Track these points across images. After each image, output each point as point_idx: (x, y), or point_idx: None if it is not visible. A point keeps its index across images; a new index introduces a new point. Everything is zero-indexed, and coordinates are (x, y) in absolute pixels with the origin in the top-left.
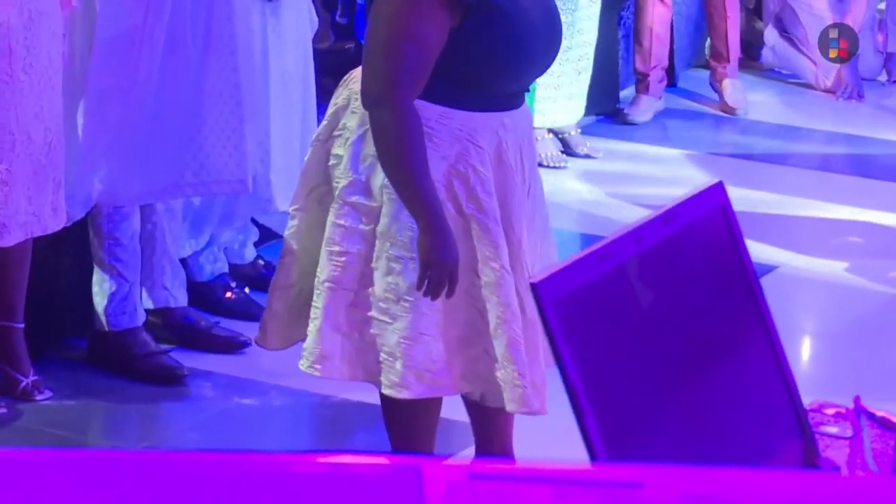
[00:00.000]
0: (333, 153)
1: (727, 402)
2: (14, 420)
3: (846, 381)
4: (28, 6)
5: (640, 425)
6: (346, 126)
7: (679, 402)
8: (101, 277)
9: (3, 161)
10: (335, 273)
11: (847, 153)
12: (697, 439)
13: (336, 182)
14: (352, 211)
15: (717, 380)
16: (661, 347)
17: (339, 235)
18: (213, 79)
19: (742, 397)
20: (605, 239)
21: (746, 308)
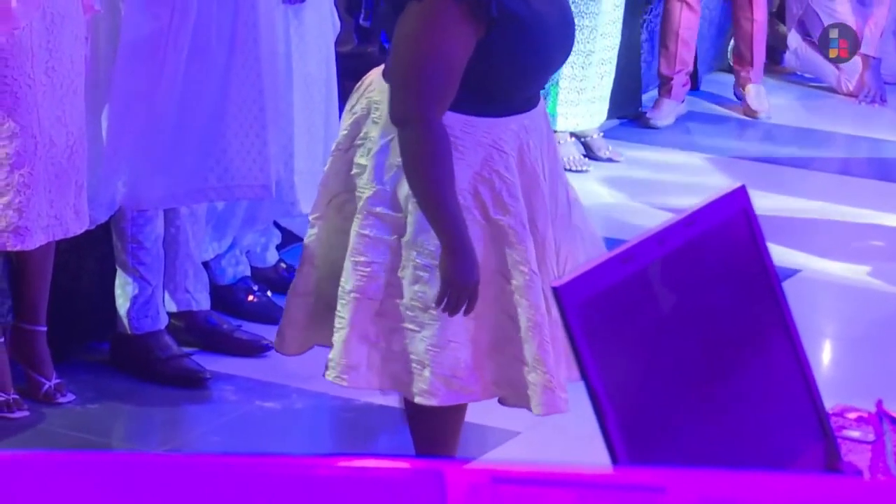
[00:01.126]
0: (356, 162)
1: (749, 405)
2: (37, 423)
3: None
4: (50, 9)
5: (663, 429)
6: (368, 135)
7: (701, 406)
8: (124, 280)
9: (26, 164)
10: (360, 283)
11: (869, 157)
12: (720, 443)
13: (360, 192)
14: (377, 221)
15: (740, 383)
16: (683, 351)
17: (363, 246)
18: (238, 84)
19: (764, 401)
20: (627, 242)
21: (769, 311)
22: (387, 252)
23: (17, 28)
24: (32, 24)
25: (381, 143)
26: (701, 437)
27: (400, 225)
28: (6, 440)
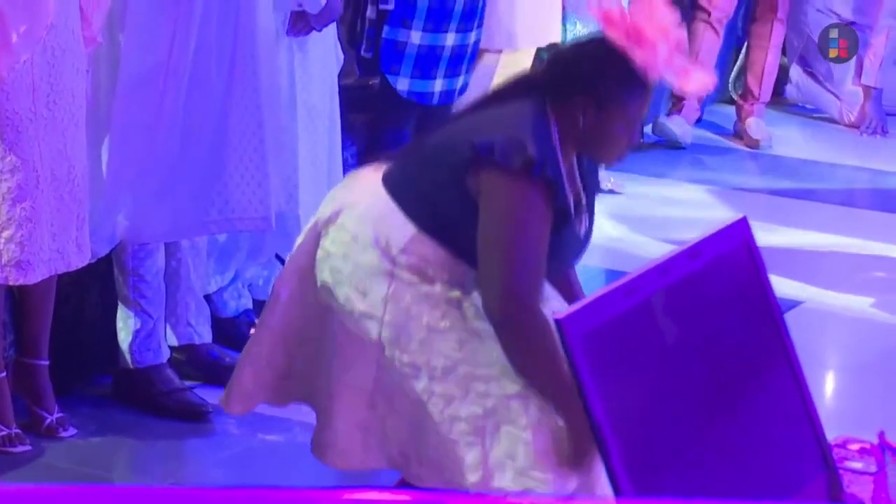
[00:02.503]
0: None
1: (752, 436)
2: (38, 457)
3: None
4: (51, 43)
5: (666, 461)
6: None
7: (704, 437)
8: (126, 314)
9: (28, 198)
10: (346, 375)
11: (872, 188)
12: (723, 474)
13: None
14: (357, 323)
15: (743, 414)
16: (686, 382)
17: (346, 342)
18: (237, 116)
19: (767, 432)
20: (630, 274)
21: (771, 343)
22: (372, 348)
23: (18, 62)
24: (33, 59)
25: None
26: (704, 468)
27: (379, 325)
28: (8, 474)
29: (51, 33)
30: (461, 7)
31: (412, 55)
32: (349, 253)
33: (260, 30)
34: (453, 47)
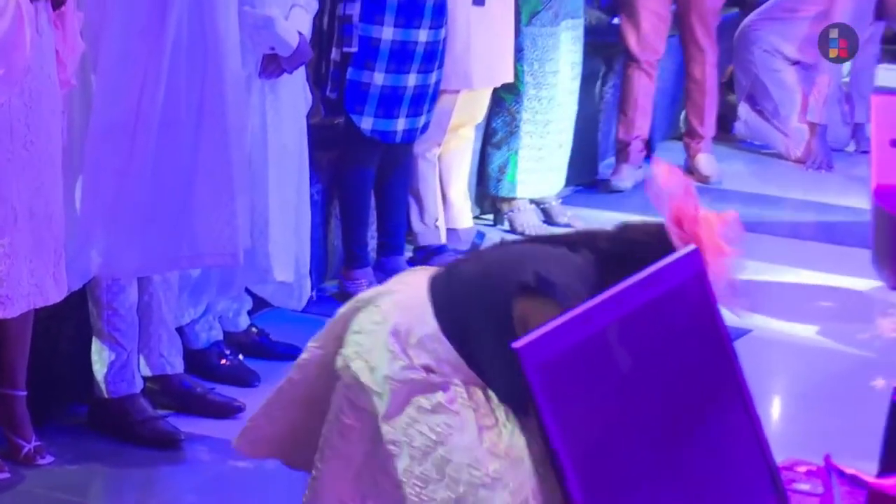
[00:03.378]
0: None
1: (704, 460)
2: (17, 484)
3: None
4: (28, 86)
5: (622, 486)
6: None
7: (659, 462)
8: (100, 346)
9: (6, 234)
10: (341, 442)
11: (817, 221)
12: (676, 498)
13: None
14: (360, 395)
15: (696, 440)
16: (642, 409)
17: (348, 411)
18: (206, 156)
19: (718, 456)
20: (586, 303)
21: (722, 370)
22: (368, 419)
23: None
24: (11, 101)
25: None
26: (660, 493)
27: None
28: None
29: (28, 77)
30: (422, 50)
31: (375, 95)
32: (374, 331)
33: (228, 73)
34: (414, 88)
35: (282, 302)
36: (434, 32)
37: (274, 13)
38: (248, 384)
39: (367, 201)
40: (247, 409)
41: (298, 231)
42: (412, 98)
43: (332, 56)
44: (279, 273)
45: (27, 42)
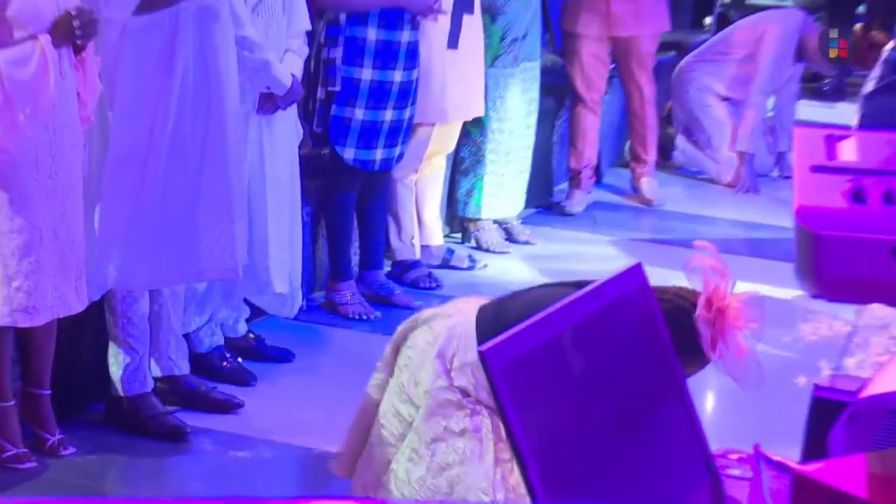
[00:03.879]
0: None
1: (649, 451)
2: (43, 472)
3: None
4: (52, 122)
5: (576, 473)
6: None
7: (609, 452)
8: (116, 351)
9: (33, 253)
10: (377, 448)
11: (746, 237)
12: (626, 484)
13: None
14: (402, 404)
15: (642, 432)
16: (593, 405)
17: (391, 417)
18: (209, 184)
19: (661, 446)
20: (544, 311)
21: (664, 371)
22: (403, 427)
23: (24, 139)
24: (37, 136)
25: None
26: (609, 480)
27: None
28: (16, 488)
29: (52, 114)
30: (396, 89)
31: (356, 129)
32: (424, 350)
33: (229, 111)
34: (391, 122)
35: (276, 310)
36: (407, 73)
37: (270, 57)
38: (246, 384)
39: (350, 222)
40: (245, 406)
41: (291, 248)
42: (388, 131)
43: (318, 95)
44: (278, 285)
45: (51, 84)
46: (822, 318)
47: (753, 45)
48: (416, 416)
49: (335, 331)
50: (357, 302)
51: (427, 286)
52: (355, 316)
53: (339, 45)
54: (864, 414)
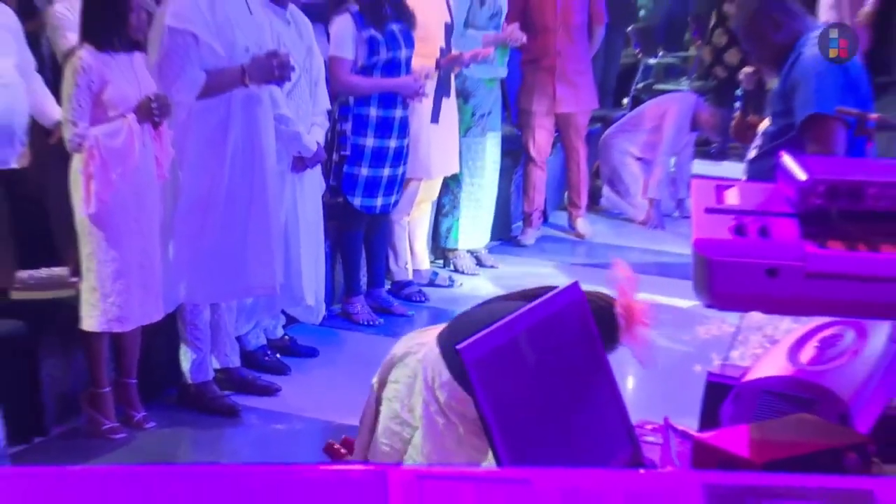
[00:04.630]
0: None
1: (585, 423)
2: (131, 441)
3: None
4: (136, 180)
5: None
6: (398, 380)
7: (555, 425)
8: (185, 349)
9: (123, 277)
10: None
11: (655, 261)
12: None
13: (391, 402)
14: (401, 426)
15: (579, 409)
16: (542, 388)
17: (390, 437)
18: (254, 224)
19: (594, 419)
20: (508, 316)
21: (594, 361)
22: (402, 444)
23: (116, 192)
24: (126, 189)
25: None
26: (555, 446)
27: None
28: (112, 453)
29: (136, 173)
30: (392, 152)
31: (362, 183)
32: (408, 382)
33: (269, 170)
34: (388, 177)
35: (305, 318)
36: (400, 140)
37: (300, 129)
38: (283, 373)
39: (359, 252)
40: (282, 390)
41: (316, 271)
42: (386, 184)
43: (333, 157)
44: (307, 298)
45: (136, 151)
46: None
47: (659, 118)
48: (414, 434)
49: (349, 333)
50: (365, 311)
51: (418, 300)
52: (364, 322)
53: (349, 120)
54: (746, 394)
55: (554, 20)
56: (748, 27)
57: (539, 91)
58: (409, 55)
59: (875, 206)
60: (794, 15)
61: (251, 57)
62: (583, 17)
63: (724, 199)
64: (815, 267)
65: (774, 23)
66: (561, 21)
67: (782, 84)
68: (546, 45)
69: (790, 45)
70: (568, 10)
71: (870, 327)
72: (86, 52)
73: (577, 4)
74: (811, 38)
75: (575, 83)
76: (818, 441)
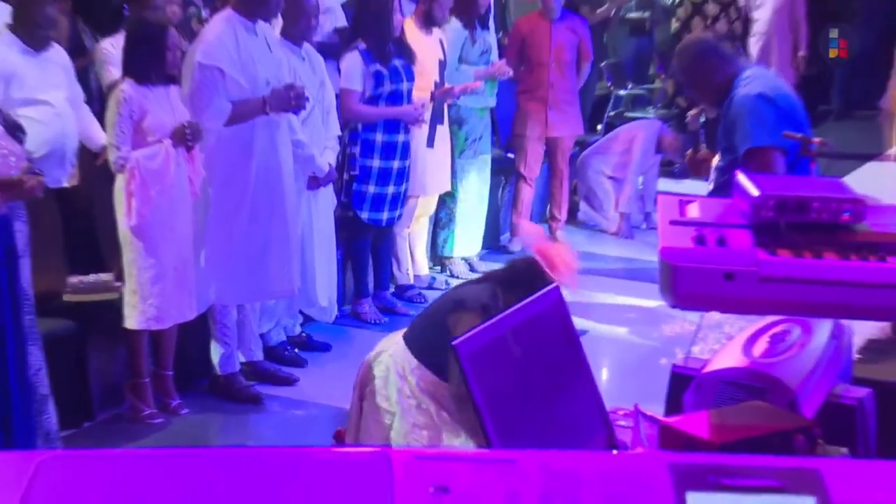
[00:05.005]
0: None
1: (565, 409)
2: (168, 426)
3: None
4: (171, 196)
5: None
6: (376, 376)
7: (541, 412)
8: (215, 345)
9: (160, 281)
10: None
11: (626, 268)
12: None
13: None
14: (382, 414)
15: (560, 397)
16: (529, 379)
17: (372, 424)
18: (275, 235)
19: (573, 406)
20: (497, 316)
21: (574, 355)
22: (384, 430)
23: (154, 208)
24: (162, 205)
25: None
26: (539, 430)
27: (391, 417)
28: (150, 437)
29: (171, 191)
30: (395, 172)
31: (369, 199)
32: (384, 376)
33: (287, 188)
34: (392, 194)
35: (319, 317)
36: (402, 162)
37: (314, 152)
38: (300, 366)
39: (367, 259)
40: (300, 380)
41: (329, 276)
42: (390, 200)
43: (344, 177)
44: (322, 300)
45: (172, 171)
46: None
47: (629, 142)
48: (393, 420)
49: (358, 331)
50: (373, 311)
51: (418, 301)
52: (371, 321)
53: (358, 144)
54: (706, 384)
55: (548, 57)
56: (688, 75)
57: (533, 118)
58: (411, 87)
59: (819, 219)
60: (727, 59)
61: (271, 89)
62: (573, 55)
63: (687, 212)
64: (766, 272)
65: (710, 68)
66: (554, 58)
67: (723, 123)
68: (540, 78)
69: (727, 85)
70: (560, 49)
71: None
72: (127, 84)
73: (567, 44)
74: (743, 78)
75: (564, 111)
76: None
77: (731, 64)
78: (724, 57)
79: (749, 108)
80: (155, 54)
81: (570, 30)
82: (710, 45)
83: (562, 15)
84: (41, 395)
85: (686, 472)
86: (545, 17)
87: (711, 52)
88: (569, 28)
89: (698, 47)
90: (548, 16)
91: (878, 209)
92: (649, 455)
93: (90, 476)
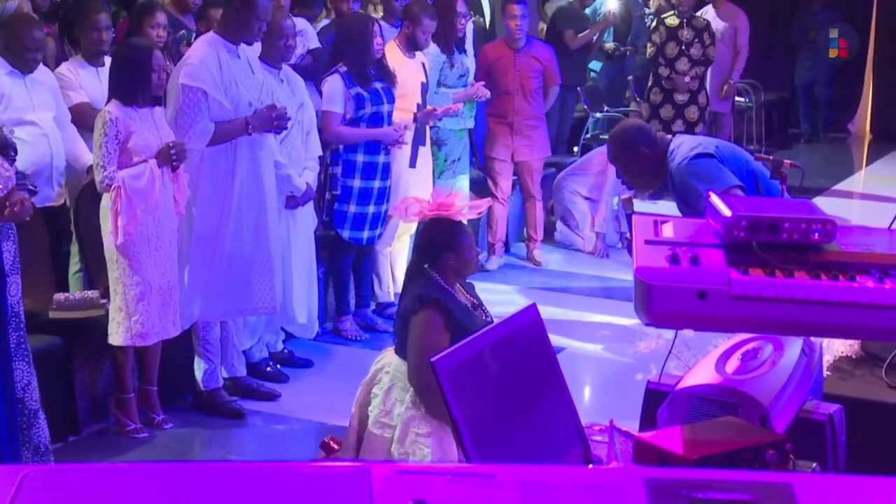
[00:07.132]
0: (372, 393)
1: (542, 424)
2: (152, 440)
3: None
4: (157, 215)
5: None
6: (376, 394)
7: (518, 427)
8: (199, 361)
9: (145, 299)
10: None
11: (601, 286)
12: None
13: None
14: (381, 428)
15: (536, 411)
16: (506, 393)
17: (374, 436)
18: (257, 253)
19: (550, 420)
20: (474, 333)
21: (550, 371)
22: (385, 444)
23: (140, 225)
24: (148, 223)
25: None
26: (516, 444)
27: (392, 430)
28: (136, 450)
29: (157, 210)
30: (376, 192)
31: (350, 218)
32: (386, 391)
33: (270, 207)
34: (373, 213)
35: (301, 334)
36: (383, 182)
37: (291, 172)
38: (282, 381)
39: (348, 278)
40: (282, 396)
41: (310, 294)
42: (371, 219)
43: (325, 196)
44: (300, 317)
45: (157, 191)
46: (651, 337)
47: (604, 164)
48: (394, 432)
49: (339, 347)
50: (354, 328)
51: None
52: (352, 337)
53: (339, 164)
54: (680, 399)
55: (513, 84)
56: (623, 163)
57: (500, 142)
58: (391, 109)
59: (789, 239)
60: (654, 141)
61: (254, 110)
62: (538, 82)
63: (661, 232)
64: (738, 291)
65: (643, 154)
66: (518, 86)
67: (674, 194)
68: (506, 106)
69: (660, 164)
70: (525, 77)
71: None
72: (114, 106)
73: (532, 72)
74: (670, 152)
75: (530, 136)
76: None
77: (658, 144)
78: (652, 140)
79: (690, 172)
80: (141, 76)
81: (534, 58)
82: (637, 131)
83: (527, 42)
84: (30, 409)
85: (660, 487)
86: (510, 45)
87: (641, 140)
88: (533, 56)
89: (626, 135)
90: (512, 45)
91: (848, 229)
92: (624, 469)
93: (75, 490)
